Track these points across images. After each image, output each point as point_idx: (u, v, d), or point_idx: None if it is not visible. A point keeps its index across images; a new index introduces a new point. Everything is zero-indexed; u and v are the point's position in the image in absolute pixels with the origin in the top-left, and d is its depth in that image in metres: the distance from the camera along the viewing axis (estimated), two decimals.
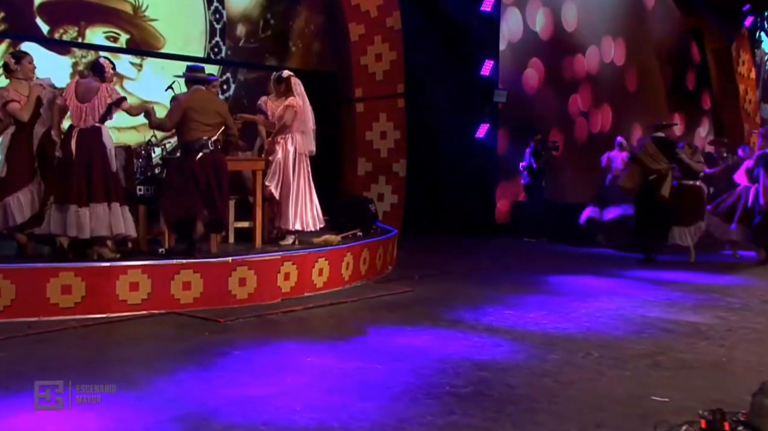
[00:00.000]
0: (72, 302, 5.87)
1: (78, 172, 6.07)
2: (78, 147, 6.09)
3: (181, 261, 6.24)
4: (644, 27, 16.09)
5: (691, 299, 7.01)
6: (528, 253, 10.83)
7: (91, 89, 6.20)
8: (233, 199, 7.44)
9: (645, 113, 16.11)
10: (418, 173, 12.26)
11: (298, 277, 6.88)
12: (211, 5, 10.43)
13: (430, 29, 12.16)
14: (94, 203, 6.08)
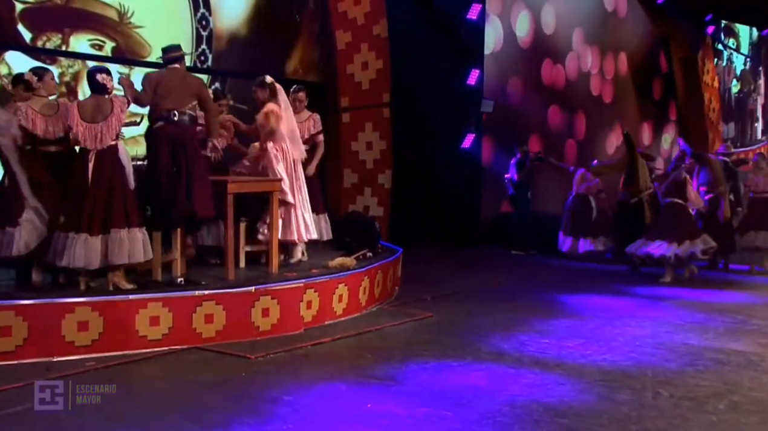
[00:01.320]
0: (89, 340, 5.42)
1: (96, 197, 5.63)
2: (96, 170, 5.64)
3: (203, 292, 5.85)
4: (617, 36, 16.17)
5: (719, 322, 6.93)
6: (523, 267, 10.68)
7: (102, 107, 5.75)
8: (244, 221, 7.05)
9: (619, 122, 16.26)
10: (404, 184, 11.99)
11: (319, 305, 6.54)
12: (198, 11, 9.97)
13: (416, 37, 11.90)
14: (115, 228, 5.64)
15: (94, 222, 5.61)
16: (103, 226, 5.63)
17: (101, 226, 5.63)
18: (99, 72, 5.86)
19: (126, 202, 5.68)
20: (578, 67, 15.03)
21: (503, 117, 13.20)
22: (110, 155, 5.69)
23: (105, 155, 5.68)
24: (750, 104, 20.99)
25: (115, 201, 5.64)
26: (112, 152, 5.70)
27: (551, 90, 14.43)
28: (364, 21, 11.57)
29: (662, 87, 17.77)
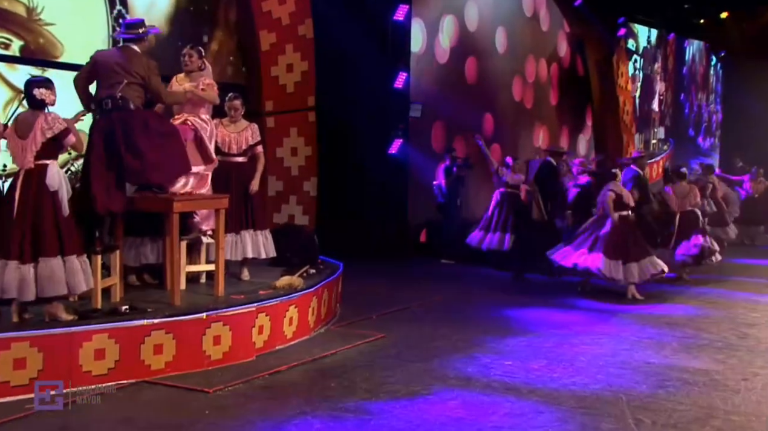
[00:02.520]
0: (26, 379, 5.10)
1: (20, 221, 5.30)
2: (22, 190, 5.32)
3: (152, 321, 5.61)
4: (537, 38, 16.60)
5: (671, 338, 7.22)
6: (457, 278, 10.79)
7: (27, 122, 5.43)
8: (184, 239, 6.81)
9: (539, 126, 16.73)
10: (329, 192, 11.92)
11: (271, 329, 6.42)
12: (114, 9, 9.55)
13: (342, 39, 11.83)
14: (44, 257, 5.32)
15: (25, 248, 5.30)
16: (33, 253, 5.32)
17: (32, 253, 5.31)
18: (36, 86, 5.50)
19: (59, 227, 5.37)
20: (501, 70, 15.33)
21: (431, 121, 13.35)
22: (37, 175, 5.37)
23: (32, 175, 5.37)
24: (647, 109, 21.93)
25: (44, 227, 5.33)
26: (39, 173, 5.38)
27: (477, 93, 14.65)
28: (289, 21, 11.42)
29: (578, 91, 18.34)
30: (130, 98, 6.05)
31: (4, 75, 8.42)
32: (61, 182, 5.48)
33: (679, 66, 23.33)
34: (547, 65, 16.99)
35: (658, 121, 22.21)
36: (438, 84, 13.62)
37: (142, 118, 6.13)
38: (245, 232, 7.34)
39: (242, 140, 7.49)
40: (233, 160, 7.35)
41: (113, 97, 6.02)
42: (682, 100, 23.72)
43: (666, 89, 22.64)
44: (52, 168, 5.44)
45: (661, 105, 22.49)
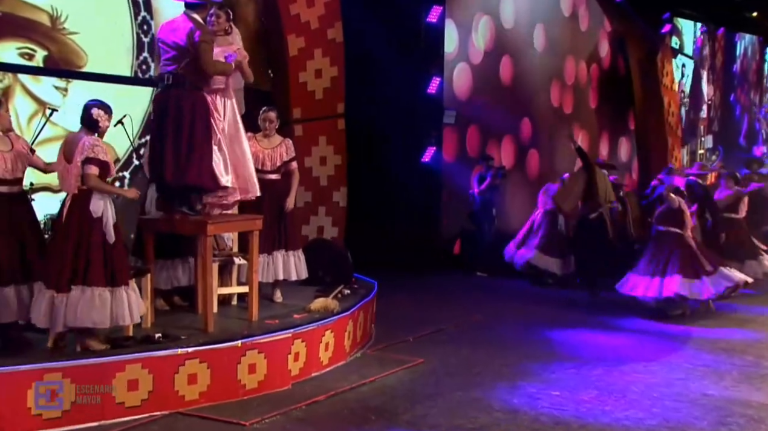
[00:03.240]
0: (59, 412, 5.19)
1: (61, 248, 5.40)
2: (67, 216, 5.43)
3: (186, 350, 5.68)
4: (576, 41, 16.54)
5: (730, 366, 7.19)
6: (492, 294, 10.83)
7: (74, 144, 5.55)
8: (216, 260, 6.87)
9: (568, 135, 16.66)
10: (360, 203, 11.98)
11: (307, 356, 6.47)
12: (138, 15, 9.66)
13: (373, 42, 11.89)
14: (83, 285, 5.43)
15: (63, 277, 5.39)
16: (69, 282, 5.42)
17: (68, 282, 5.41)
18: (96, 106, 5.65)
19: (103, 256, 5.46)
20: (539, 72, 15.29)
21: (466, 126, 13.37)
22: (80, 201, 5.47)
23: (75, 201, 5.46)
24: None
25: (87, 255, 5.43)
26: (82, 199, 5.48)
27: (515, 98, 14.64)
28: (318, 25, 11.46)
29: (620, 93, 18.24)
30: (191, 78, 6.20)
31: (28, 87, 8.54)
32: (106, 207, 5.55)
33: (728, 64, 23.08)
34: (586, 66, 16.93)
35: (706, 128, 21.97)
36: (472, 87, 13.63)
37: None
38: (277, 252, 7.39)
39: (276, 157, 7.56)
40: (267, 177, 7.40)
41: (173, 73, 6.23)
42: (732, 102, 23.44)
43: (714, 91, 22.41)
44: (96, 194, 5.53)
45: (710, 111, 22.26)
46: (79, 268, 5.43)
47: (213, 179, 6.24)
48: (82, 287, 5.42)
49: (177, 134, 6.19)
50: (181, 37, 6.19)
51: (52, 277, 5.41)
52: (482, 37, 13.83)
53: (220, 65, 6.44)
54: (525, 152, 15.09)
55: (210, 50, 6.25)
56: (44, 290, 5.43)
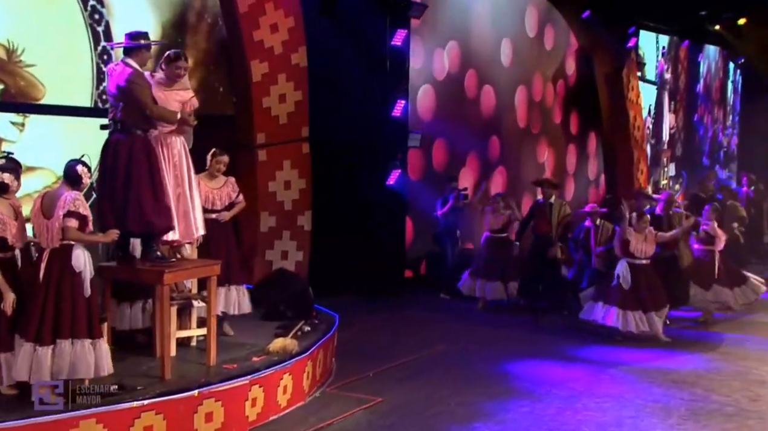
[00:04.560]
0: None
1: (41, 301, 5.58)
2: (46, 270, 5.58)
3: (142, 403, 5.79)
4: (541, 59, 16.81)
5: (678, 401, 7.43)
6: (456, 318, 11.01)
7: (53, 200, 5.70)
8: (174, 304, 7.00)
9: (546, 147, 16.94)
10: (324, 226, 12.13)
11: (264, 401, 6.61)
12: (98, 45, 9.73)
13: (336, 66, 12.06)
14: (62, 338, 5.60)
15: (44, 330, 5.54)
16: (52, 336, 5.58)
17: (51, 335, 5.58)
18: (79, 164, 5.85)
19: (84, 308, 5.65)
20: (505, 91, 15.53)
21: (431, 146, 13.57)
22: (61, 256, 5.63)
23: (55, 255, 5.62)
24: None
25: (65, 308, 5.59)
26: (63, 254, 5.63)
27: (479, 115, 14.87)
28: (282, 50, 11.64)
29: (586, 109, 18.52)
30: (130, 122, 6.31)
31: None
32: (87, 261, 5.73)
33: (692, 84, 23.46)
34: (553, 84, 17.19)
35: (669, 158, 22.34)
36: (437, 108, 13.83)
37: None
38: (221, 287, 7.51)
39: (224, 196, 7.81)
40: (217, 216, 7.66)
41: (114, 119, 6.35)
42: (695, 122, 23.83)
43: (677, 113, 22.79)
44: (77, 248, 5.69)
45: (672, 138, 22.63)
46: (63, 321, 5.58)
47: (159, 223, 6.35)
48: (70, 340, 5.58)
49: (113, 180, 6.31)
50: (118, 82, 6.32)
51: (32, 330, 5.54)
52: (447, 59, 14.02)
53: (161, 111, 6.49)
54: (491, 170, 15.33)
55: (143, 92, 6.33)
56: (24, 344, 5.55)
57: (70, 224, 5.65)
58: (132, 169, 6.29)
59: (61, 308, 5.57)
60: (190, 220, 6.78)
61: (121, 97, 6.33)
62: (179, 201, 6.68)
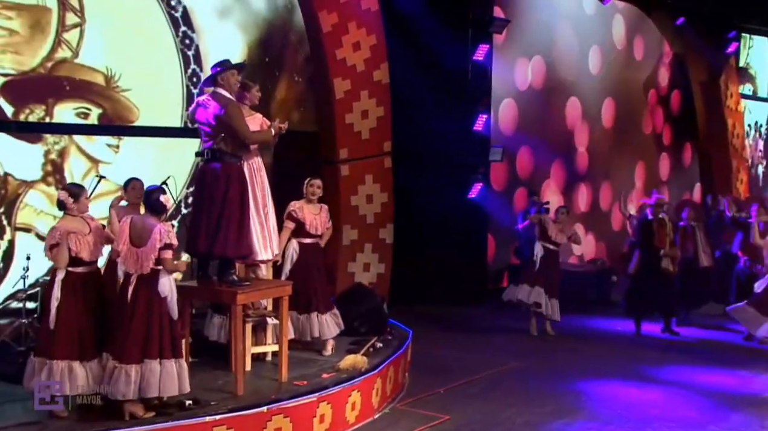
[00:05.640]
0: None
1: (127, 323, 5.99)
2: (134, 294, 5.99)
3: (214, 418, 6.15)
4: (633, 65, 16.60)
5: (758, 429, 7.31)
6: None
7: (145, 230, 6.06)
8: (250, 321, 7.39)
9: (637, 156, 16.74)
10: (406, 239, 12.39)
11: (332, 417, 6.89)
12: (188, 68, 10.28)
13: (419, 82, 12.31)
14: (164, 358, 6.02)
15: (134, 351, 5.94)
16: (141, 355, 5.96)
17: (139, 355, 5.96)
18: (160, 192, 6.20)
19: (168, 331, 6.03)
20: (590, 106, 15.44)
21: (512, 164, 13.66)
22: (148, 281, 6.00)
23: (143, 281, 6.00)
24: None
25: (153, 330, 5.97)
26: (149, 279, 6.01)
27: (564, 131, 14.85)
28: (364, 67, 11.94)
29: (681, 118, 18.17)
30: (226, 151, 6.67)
31: (82, 146, 9.20)
32: (172, 286, 6.14)
33: None
34: (644, 93, 16.96)
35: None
36: (521, 121, 13.90)
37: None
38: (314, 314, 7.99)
39: (323, 223, 8.21)
40: (315, 241, 8.16)
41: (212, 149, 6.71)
42: None
43: None
44: (163, 275, 6.08)
45: None
46: (152, 343, 5.98)
47: (241, 249, 6.72)
48: (159, 360, 5.98)
49: (210, 206, 6.69)
50: (212, 114, 6.66)
51: (125, 351, 5.94)
52: (531, 72, 14.07)
53: (258, 135, 6.88)
54: (577, 182, 15.28)
55: (240, 119, 6.66)
56: (117, 365, 5.95)
57: (167, 257, 6.03)
58: (227, 199, 6.65)
59: (150, 330, 5.96)
60: (273, 239, 7.17)
61: (219, 128, 6.64)
62: (268, 220, 7.09)
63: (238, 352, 6.75)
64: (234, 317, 6.74)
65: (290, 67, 11.75)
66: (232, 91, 6.75)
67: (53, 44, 8.85)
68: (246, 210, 6.78)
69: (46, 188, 8.76)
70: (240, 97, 7.01)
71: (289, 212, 8.02)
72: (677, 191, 18.25)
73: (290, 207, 8.03)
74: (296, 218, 7.99)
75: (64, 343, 5.94)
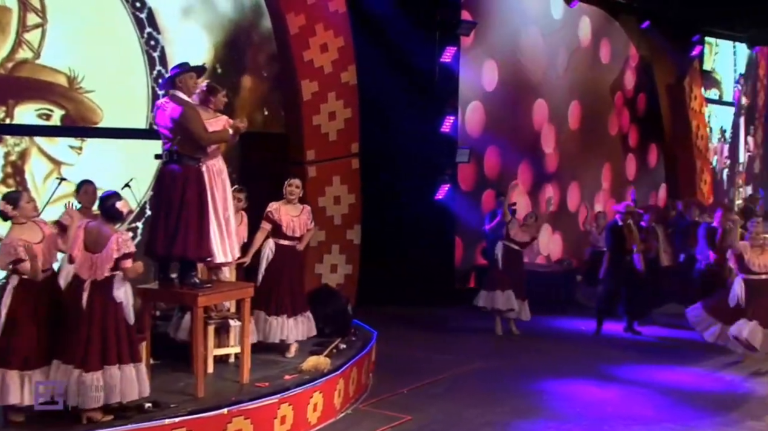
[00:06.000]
0: None
1: (85, 330, 5.94)
2: (90, 300, 5.94)
3: (173, 420, 6.14)
4: (600, 68, 16.74)
5: (707, 423, 7.44)
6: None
7: (101, 236, 5.99)
8: (212, 323, 7.40)
9: (604, 157, 16.89)
10: (373, 240, 12.42)
11: (294, 418, 6.90)
12: (154, 69, 10.23)
13: (386, 83, 12.34)
14: (123, 364, 5.99)
15: (91, 357, 5.88)
16: (99, 361, 5.91)
17: (99, 361, 5.91)
18: (117, 198, 6.09)
19: (125, 336, 6.00)
20: (557, 107, 15.55)
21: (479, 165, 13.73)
22: (103, 287, 5.95)
23: (97, 287, 5.95)
24: None
25: (109, 335, 5.93)
26: (104, 285, 5.96)
27: (531, 133, 14.95)
28: (331, 69, 11.95)
29: (646, 120, 18.35)
30: (184, 153, 6.63)
31: (44, 148, 9.14)
32: (128, 292, 6.10)
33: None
34: (611, 95, 17.11)
35: (745, 179, 21.87)
36: (488, 122, 13.97)
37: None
38: (301, 316, 8.11)
39: (302, 224, 8.21)
40: (292, 244, 8.13)
41: (171, 151, 6.68)
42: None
43: (756, 129, 22.25)
44: (118, 281, 6.03)
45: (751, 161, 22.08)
46: (110, 348, 5.93)
47: (201, 251, 6.70)
48: (118, 365, 5.94)
49: (168, 208, 6.66)
50: (169, 116, 6.62)
51: (78, 357, 5.87)
52: (498, 74, 14.13)
53: (215, 135, 6.80)
54: (544, 183, 15.39)
55: (196, 121, 6.61)
56: (73, 371, 5.89)
57: (127, 266, 5.99)
58: (184, 201, 6.61)
59: (107, 336, 5.91)
60: (233, 242, 7.14)
61: (176, 130, 6.61)
62: (229, 224, 7.03)
63: (198, 354, 6.74)
64: (195, 319, 6.73)
65: (256, 69, 11.72)
66: (190, 93, 6.73)
67: (14, 45, 8.79)
68: (205, 212, 6.74)
69: (6, 190, 8.66)
70: (204, 101, 6.98)
71: (266, 212, 8.04)
72: (644, 190, 18.43)
73: (268, 208, 8.07)
74: (272, 220, 8.01)
75: (17, 352, 5.89)
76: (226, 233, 7.00)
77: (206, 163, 6.86)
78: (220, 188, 6.95)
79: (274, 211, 8.02)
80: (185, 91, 6.69)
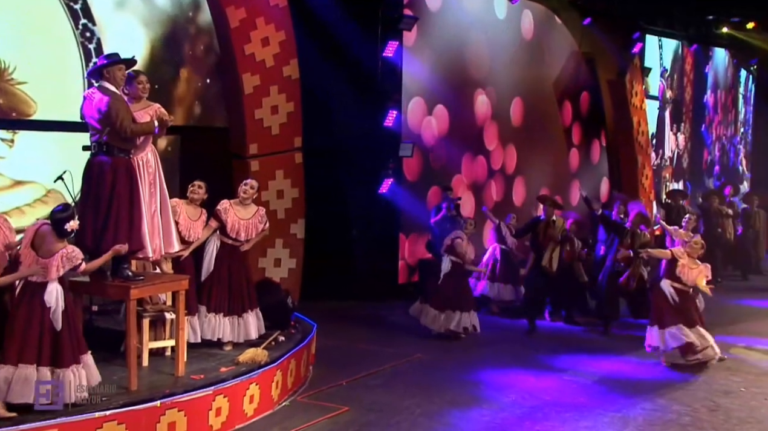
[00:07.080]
0: None
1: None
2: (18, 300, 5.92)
3: (104, 413, 6.05)
4: (542, 64, 16.90)
5: (639, 410, 7.63)
6: None
7: (50, 245, 5.99)
8: (147, 316, 7.32)
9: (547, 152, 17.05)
10: (316, 233, 12.39)
11: (229, 410, 6.86)
12: (90, 61, 10.05)
13: (329, 78, 12.34)
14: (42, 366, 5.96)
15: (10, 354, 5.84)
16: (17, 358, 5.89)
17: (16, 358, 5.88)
18: (69, 219, 6.04)
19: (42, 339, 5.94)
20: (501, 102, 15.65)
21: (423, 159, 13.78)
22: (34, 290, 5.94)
23: (28, 288, 5.92)
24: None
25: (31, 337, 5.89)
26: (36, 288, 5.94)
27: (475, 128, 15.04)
28: (273, 63, 11.86)
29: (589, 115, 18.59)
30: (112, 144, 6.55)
31: None
32: (59, 297, 6.02)
33: (698, 94, 23.27)
34: (554, 91, 17.28)
35: (672, 174, 22.30)
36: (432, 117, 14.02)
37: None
38: (248, 314, 8.12)
39: (251, 227, 8.27)
40: (236, 245, 8.17)
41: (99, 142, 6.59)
42: (703, 134, 23.67)
43: (684, 122, 22.71)
44: (51, 286, 5.98)
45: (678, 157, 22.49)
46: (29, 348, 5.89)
47: (132, 244, 6.61)
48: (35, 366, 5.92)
49: (98, 201, 6.57)
50: (96, 107, 6.55)
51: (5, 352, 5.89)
52: (441, 68, 14.18)
53: (139, 127, 6.69)
54: (489, 178, 15.50)
55: (122, 112, 6.52)
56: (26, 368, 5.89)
57: (69, 276, 6.08)
58: (114, 194, 6.55)
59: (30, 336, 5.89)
60: (168, 235, 7.05)
61: (103, 120, 6.53)
62: (155, 218, 6.93)
63: (131, 347, 6.66)
64: (128, 312, 6.65)
65: (194, 62, 11.60)
66: (118, 85, 6.65)
67: None
68: (137, 204, 6.66)
69: None
70: (132, 90, 6.90)
71: (215, 210, 8.04)
72: (587, 184, 18.62)
73: (218, 205, 8.07)
74: (219, 218, 8.02)
75: None
76: (154, 226, 6.88)
77: (135, 156, 6.78)
78: (146, 181, 6.86)
79: (223, 210, 8.05)
80: (113, 83, 6.62)
